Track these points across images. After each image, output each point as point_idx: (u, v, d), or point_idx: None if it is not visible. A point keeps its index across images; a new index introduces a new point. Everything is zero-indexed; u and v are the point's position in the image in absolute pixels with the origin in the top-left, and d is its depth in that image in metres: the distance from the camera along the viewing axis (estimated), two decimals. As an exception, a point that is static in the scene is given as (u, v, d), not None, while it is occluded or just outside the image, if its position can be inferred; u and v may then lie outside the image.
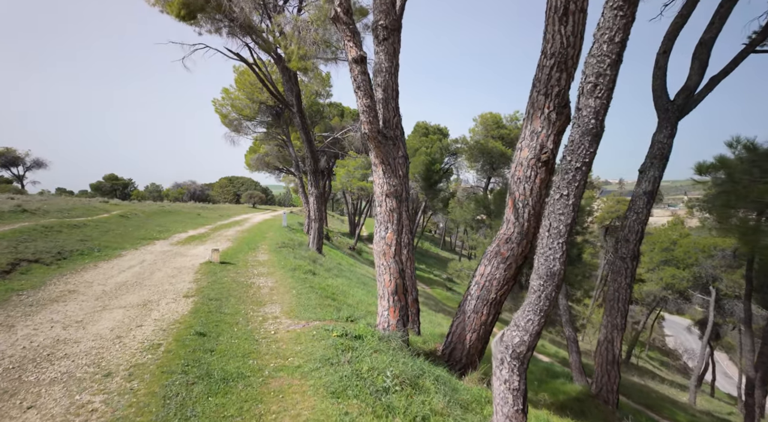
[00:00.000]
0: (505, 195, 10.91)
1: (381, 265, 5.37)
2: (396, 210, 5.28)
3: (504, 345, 3.34)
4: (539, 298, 3.15)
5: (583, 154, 2.82)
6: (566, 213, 2.96)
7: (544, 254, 3.08)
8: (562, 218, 2.98)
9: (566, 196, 2.96)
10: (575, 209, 2.95)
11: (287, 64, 11.26)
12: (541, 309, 3.16)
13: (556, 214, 3.01)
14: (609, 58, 2.68)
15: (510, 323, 3.43)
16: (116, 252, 11.07)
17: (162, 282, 7.61)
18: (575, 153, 2.85)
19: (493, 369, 3.49)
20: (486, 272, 5.77)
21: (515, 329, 3.32)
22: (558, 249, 3.01)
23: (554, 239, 3.02)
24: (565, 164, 2.93)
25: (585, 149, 2.82)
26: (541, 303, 3.15)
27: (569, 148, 2.91)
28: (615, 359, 8.06)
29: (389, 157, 5.18)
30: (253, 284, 7.92)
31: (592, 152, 2.81)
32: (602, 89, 2.71)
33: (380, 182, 5.22)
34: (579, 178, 2.87)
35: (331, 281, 9.66)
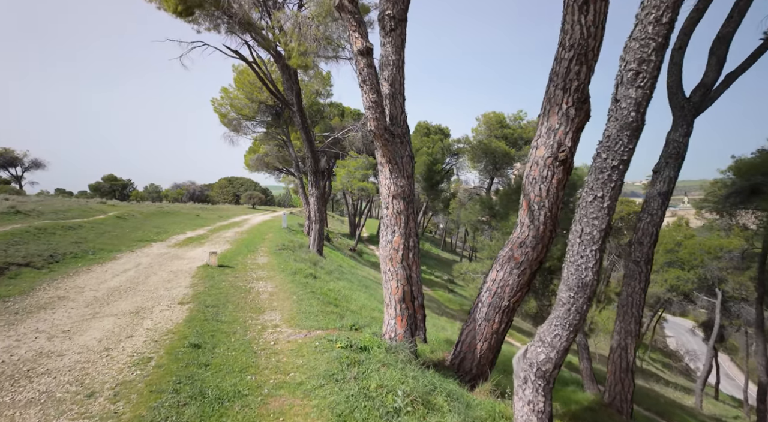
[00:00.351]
0: (512, 196, 10.54)
1: (387, 271, 5.05)
2: (403, 212, 4.96)
3: (528, 363, 3.02)
4: (569, 312, 2.83)
5: (620, 151, 2.51)
6: (600, 218, 2.65)
7: (574, 263, 2.77)
8: (596, 223, 2.67)
9: (600, 198, 2.64)
10: (610, 213, 2.64)
11: (287, 62, 10.95)
12: (570, 324, 2.85)
13: (588, 218, 2.69)
14: (654, 42, 2.37)
15: (534, 338, 3.11)
16: (111, 254, 10.74)
17: (157, 288, 7.28)
18: (612, 150, 2.53)
19: (515, 389, 3.17)
20: (498, 278, 5.45)
21: (540, 345, 3.00)
22: (591, 258, 2.70)
23: (587, 246, 2.70)
24: (600, 162, 2.62)
25: (623, 145, 2.51)
26: (571, 317, 2.83)
27: (604, 144, 2.60)
28: (629, 367, 7.74)
29: (396, 156, 4.87)
30: (252, 289, 7.60)
31: (631, 149, 2.50)
32: (645, 77, 2.40)
33: (387, 183, 4.90)
34: (615, 177, 2.56)
35: (332, 285, 9.34)
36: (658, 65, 2.43)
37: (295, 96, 14.76)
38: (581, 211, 2.75)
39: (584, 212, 2.72)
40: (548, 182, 4.90)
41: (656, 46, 2.39)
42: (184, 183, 65.08)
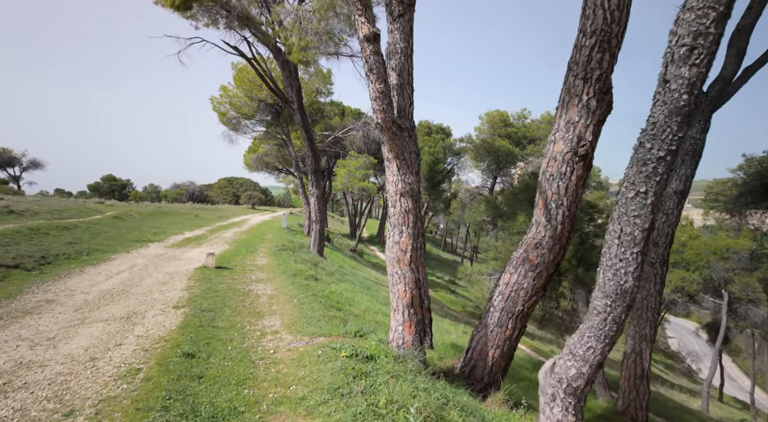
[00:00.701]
0: (518, 195, 10.17)
1: (395, 274, 4.73)
2: (412, 211, 4.65)
3: (556, 378, 2.70)
4: (604, 322, 2.51)
5: (668, 140, 2.20)
6: (643, 216, 2.34)
7: (612, 267, 2.45)
8: (638, 222, 2.35)
9: (644, 194, 2.33)
10: (654, 211, 2.33)
11: (288, 57, 10.64)
12: (606, 336, 2.53)
13: (629, 217, 2.38)
14: (714, 11, 2.05)
15: (563, 350, 2.79)
16: (106, 255, 10.42)
17: (151, 290, 6.96)
18: (658, 138, 2.22)
19: (541, 406, 2.85)
20: (512, 281, 5.14)
21: (571, 358, 2.68)
22: (632, 261, 2.39)
23: (627, 248, 2.39)
24: (643, 153, 2.31)
25: (671, 133, 2.19)
26: (607, 328, 2.52)
27: (649, 132, 2.28)
28: (644, 373, 7.42)
29: (405, 151, 4.55)
30: (250, 292, 7.27)
31: (681, 137, 2.19)
32: (701, 53, 2.09)
33: (394, 180, 4.58)
34: (661, 170, 2.25)
35: (334, 287, 9.02)
36: (717, 39, 2.12)
37: (295, 93, 14.45)
38: (620, 209, 2.43)
39: (624, 210, 2.41)
40: (567, 179, 4.58)
41: (717, 17, 2.07)
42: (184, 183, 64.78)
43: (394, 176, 4.58)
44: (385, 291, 15.97)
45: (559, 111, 4.62)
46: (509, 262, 5.31)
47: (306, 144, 15.39)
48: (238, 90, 21.14)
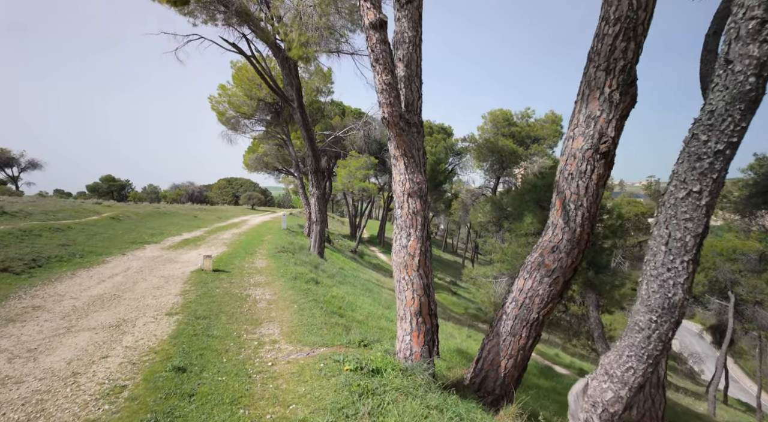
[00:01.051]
0: (525, 196, 9.80)
1: (402, 280, 4.42)
2: (420, 212, 4.33)
3: (590, 402, 2.39)
4: (648, 340, 2.20)
5: (729, 131, 1.89)
6: (696, 219, 2.03)
7: (658, 277, 2.14)
8: (689, 226, 2.04)
9: (697, 194, 2.02)
10: (709, 213, 2.02)
11: (287, 53, 10.33)
12: (649, 355, 2.22)
13: (679, 220, 2.07)
14: (793, -24, 1.75)
15: (597, 369, 2.47)
16: (100, 258, 10.10)
17: (144, 295, 6.64)
18: (716, 129, 1.91)
19: (571, 433, 2.53)
20: (526, 287, 4.82)
21: (607, 380, 2.36)
22: (682, 272, 2.07)
23: (676, 256, 2.08)
24: (697, 147, 1.99)
25: (733, 123, 1.88)
26: (651, 347, 2.20)
27: (705, 122, 1.97)
28: (660, 381, 7.10)
29: (413, 148, 4.23)
30: (248, 297, 6.95)
31: (743, 128, 1.88)
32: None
33: (401, 179, 4.26)
34: (719, 166, 1.94)
35: (336, 291, 8.70)
36: (795, 10, 1.81)
37: (295, 91, 14.14)
38: (668, 211, 2.12)
39: (673, 212, 2.10)
40: (587, 178, 4.27)
41: (796, -18, 1.77)
42: (183, 183, 64.49)
43: (401, 175, 4.27)
44: (387, 293, 15.65)
45: (578, 105, 4.31)
46: (523, 267, 5.00)
47: (306, 143, 15.09)
48: (237, 89, 20.83)
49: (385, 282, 20.67)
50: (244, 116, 21.23)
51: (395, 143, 4.17)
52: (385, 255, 37.25)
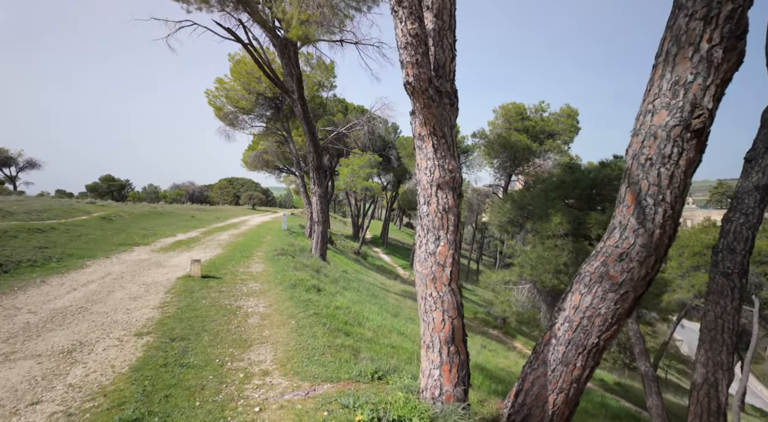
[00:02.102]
0: (551, 193, 8.66)
1: (428, 297, 3.42)
2: (452, 209, 3.33)
3: None
4: None
5: None
6: None
7: None
8: None
9: None
10: None
11: (286, 34, 9.35)
12: None
13: None
14: None
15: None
16: (80, 262, 9.15)
17: (116, 309, 5.66)
18: None
19: None
20: (583, 304, 3.80)
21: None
22: None
23: None
24: None
25: None
26: None
27: None
28: (720, 409, 6.06)
29: (444, 125, 3.24)
30: (239, 309, 5.96)
31: None
32: None
33: (429, 165, 3.26)
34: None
35: (340, 300, 7.71)
36: None
37: (296, 82, 13.16)
38: None
39: None
40: (672, 164, 3.23)
41: None
42: (184, 183, 63.80)
43: (428, 160, 3.26)
44: (393, 298, 14.66)
45: (660, 68, 3.28)
46: (578, 279, 3.98)
47: (307, 138, 14.11)
48: (235, 82, 19.88)
49: (391, 286, 19.70)
50: (243, 111, 20.26)
51: (422, 118, 3.17)
52: (389, 256, 36.26)
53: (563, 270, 8.09)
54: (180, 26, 12.59)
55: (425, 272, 3.37)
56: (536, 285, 9.15)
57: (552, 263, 8.31)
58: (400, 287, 20.46)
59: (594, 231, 7.88)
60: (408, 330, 8.16)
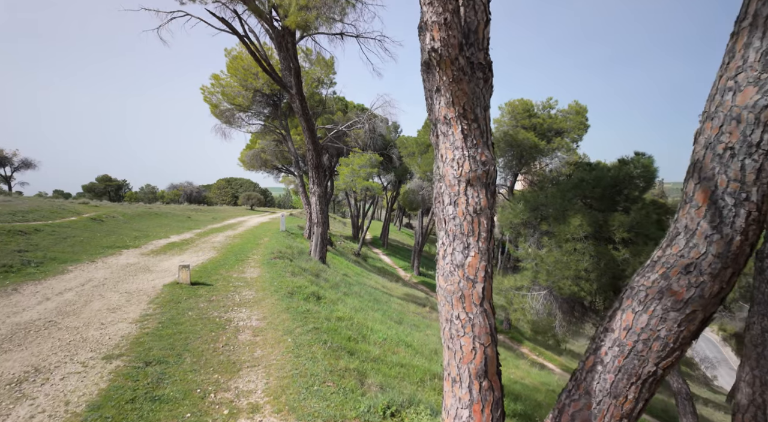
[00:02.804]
0: (568, 193, 7.97)
1: (454, 319, 2.77)
2: (485, 211, 2.68)
3: None
4: None
5: None
6: None
7: None
8: None
9: None
10: None
11: (284, 22, 8.71)
12: None
13: None
14: None
15: None
16: (61, 267, 8.49)
17: (89, 323, 5.00)
18: None
19: None
20: (637, 325, 3.16)
21: None
22: None
23: None
24: None
25: None
26: None
27: None
28: None
29: (476, 106, 2.60)
30: (229, 323, 5.31)
31: None
32: None
33: (457, 157, 2.62)
34: None
35: (341, 309, 7.06)
36: None
37: (294, 76, 12.50)
38: None
39: None
40: (762, 154, 2.60)
41: None
42: (181, 184, 63.10)
43: (456, 151, 2.62)
44: (396, 303, 14.01)
45: (745, 35, 2.61)
46: (629, 294, 3.32)
47: (306, 135, 13.46)
48: (231, 79, 19.21)
49: (392, 289, 19.04)
50: (240, 108, 19.60)
51: (448, 96, 2.53)
52: (389, 257, 35.59)
53: (584, 277, 7.44)
54: (172, 17, 11.94)
55: (451, 289, 2.72)
56: (553, 292, 8.49)
57: (571, 268, 7.65)
58: (402, 290, 19.82)
59: (618, 235, 7.23)
60: (414, 341, 7.51)
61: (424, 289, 26.13)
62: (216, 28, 12.38)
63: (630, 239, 7.36)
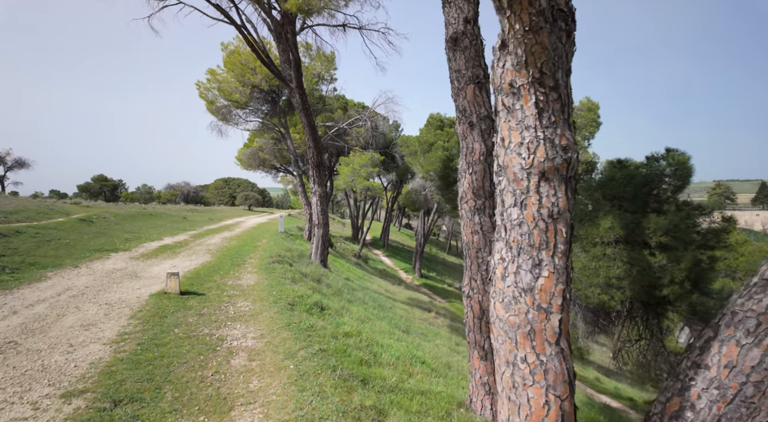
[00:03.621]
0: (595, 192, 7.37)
1: (519, 362, 2.05)
2: (564, 216, 1.97)
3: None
4: None
5: None
6: None
7: None
8: None
9: None
10: None
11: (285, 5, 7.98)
12: None
13: None
14: None
15: None
16: (40, 273, 7.74)
17: (56, 344, 4.26)
18: None
19: None
20: (745, 362, 2.45)
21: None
22: None
23: None
24: None
25: None
26: None
27: None
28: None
29: (557, 68, 1.88)
30: (221, 343, 4.57)
31: None
32: None
33: (527, 139, 1.90)
34: None
35: (347, 322, 6.33)
36: None
37: (294, 69, 11.77)
38: None
39: None
40: None
41: None
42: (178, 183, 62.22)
43: (526, 131, 1.90)
44: (400, 309, 13.28)
45: None
46: (731, 320, 2.60)
47: (307, 132, 12.72)
48: (228, 74, 18.45)
49: (396, 293, 18.31)
50: (237, 105, 18.83)
51: (520, 54, 1.81)
52: (390, 259, 34.84)
53: (615, 285, 6.75)
54: (164, 5, 11.20)
55: (515, 321, 2.01)
56: (577, 301, 7.77)
57: (601, 275, 6.95)
58: (406, 294, 19.09)
59: (654, 239, 6.53)
60: (427, 355, 6.79)
61: (427, 292, 25.42)
62: (211, 17, 11.64)
63: (667, 243, 6.65)
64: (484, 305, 3.91)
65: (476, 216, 4.14)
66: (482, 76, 4.06)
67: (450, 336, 12.05)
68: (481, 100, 4.08)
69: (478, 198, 4.14)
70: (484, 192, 4.14)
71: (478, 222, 4.15)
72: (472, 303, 4.09)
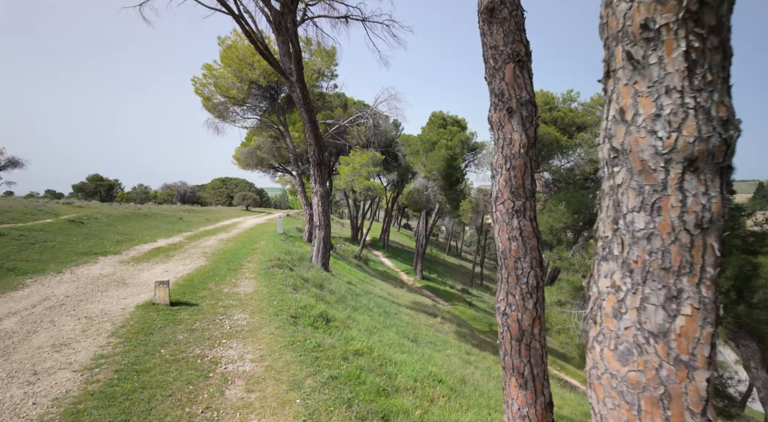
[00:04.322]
0: None
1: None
2: (715, 226, 1.33)
3: None
4: None
5: None
6: None
7: None
8: None
9: None
10: None
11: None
12: None
13: None
14: None
15: None
16: (18, 280, 7.06)
17: (18, 371, 3.59)
18: None
19: None
20: None
21: None
22: None
23: None
24: None
25: None
26: None
27: None
28: None
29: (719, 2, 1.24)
30: (214, 367, 3.91)
31: None
32: None
33: (666, 108, 1.27)
34: None
35: (356, 336, 5.68)
36: None
37: (294, 62, 11.11)
38: None
39: None
40: None
41: None
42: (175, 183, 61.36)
43: (669, 95, 1.25)
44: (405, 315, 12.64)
45: None
46: None
47: (307, 128, 12.06)
48: (225, 70, 17.77)
49: (399, 296, 17.65)
50: (234, 101, 18.15)
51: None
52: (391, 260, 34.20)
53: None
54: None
55: (638, 379, 1.37)
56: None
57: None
58: (409, 297, 18.44)
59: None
60: (442, 372, 6.17)
61: (429, 295, 24.79)
62: (207, 6, 10.98)
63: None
64: (524, 325, 3.28)
65: (515, 220, 3.47)
66: (523, 54, 3.41)
67: (459, 344, 11.43)
68: (522, 82, 3.43)
69: (518, 198, 3.46)
70: (524, 190, 3.47)
71: (517, 226, 3.47)
72: (510, 322, 3.44)
